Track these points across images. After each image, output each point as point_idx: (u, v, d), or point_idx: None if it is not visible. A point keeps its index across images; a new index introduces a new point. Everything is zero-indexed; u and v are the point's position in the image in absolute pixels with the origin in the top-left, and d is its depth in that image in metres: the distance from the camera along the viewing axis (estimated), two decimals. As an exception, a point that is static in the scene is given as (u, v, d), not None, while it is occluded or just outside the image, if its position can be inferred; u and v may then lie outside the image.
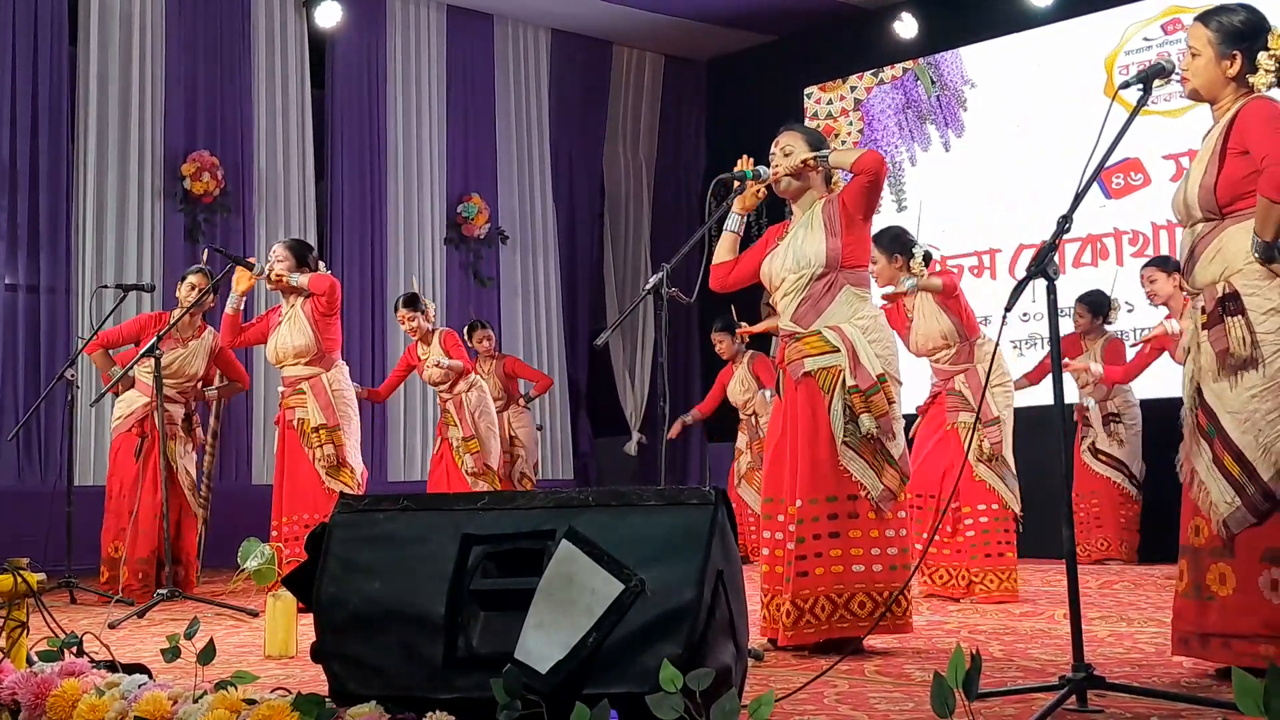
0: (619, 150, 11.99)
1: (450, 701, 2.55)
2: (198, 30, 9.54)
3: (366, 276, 10.30)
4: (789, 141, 4.48)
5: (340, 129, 10.31)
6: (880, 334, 4.44)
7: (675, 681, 2.11)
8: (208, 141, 9.51)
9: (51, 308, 8.84)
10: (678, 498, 2.68)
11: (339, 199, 10.27)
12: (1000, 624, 5.08)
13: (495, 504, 2.77)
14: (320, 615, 2.74)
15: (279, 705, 2.63)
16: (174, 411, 6.98)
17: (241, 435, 9.49)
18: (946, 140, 10.05)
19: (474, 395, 7.92)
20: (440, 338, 7.89)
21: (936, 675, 1.98)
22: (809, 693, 3.40)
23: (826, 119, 10.73)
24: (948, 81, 10.07)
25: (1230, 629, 3.37)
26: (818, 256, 4.37)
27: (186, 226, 9.39)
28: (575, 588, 2.56)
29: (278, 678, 3.95)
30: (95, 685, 3.08)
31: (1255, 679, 1.74)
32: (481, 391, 8.01)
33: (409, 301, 7.91)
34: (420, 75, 10.73)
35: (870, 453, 4.33)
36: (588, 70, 11.73)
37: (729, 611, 2.73)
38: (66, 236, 8.93)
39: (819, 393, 4.36)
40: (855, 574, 4.26)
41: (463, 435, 7.85)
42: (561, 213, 11.57)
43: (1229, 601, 3.38)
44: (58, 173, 8.90)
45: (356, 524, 2.80)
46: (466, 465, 7.79)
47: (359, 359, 10.11)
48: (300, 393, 6.31)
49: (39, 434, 8.67)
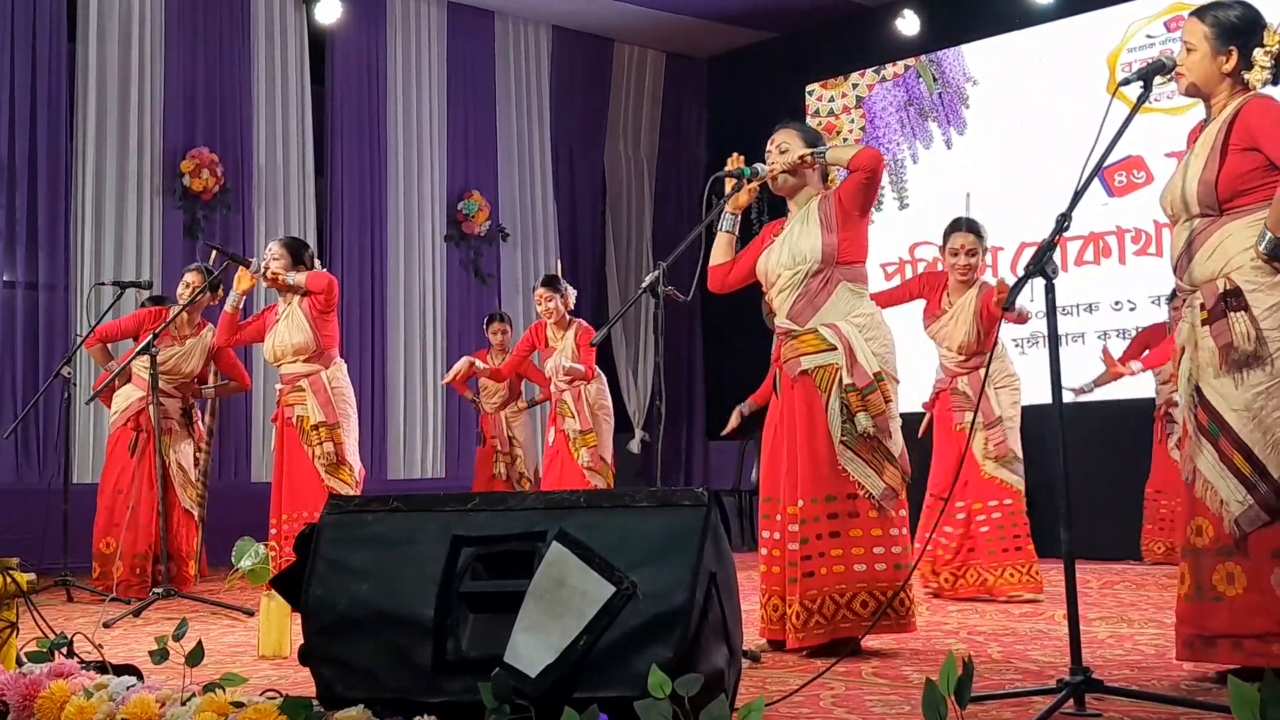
0: (620, 147, 11.95)
1: (439, 705, 2.52)
2: (197, 26, 9.51)
3: (366, 273, 10.27)
4: (785, 138, 4.45)
5: (340, 126, 10.27)
6: (877, 331, 4.41)
7: (664, 687, 2.07)
8: (207, 138, 9.47)
9: (50, 305, 8.81)
10: (670, 499, 2.65)
11: (339, 196, 10.24)
12: (1000, 625, 5.05)
13: (485, 505, 2.74)
14: (308, 617, 2.71)
15: (266, 708, 2.60)
16: (170, 406, 6.96)
17: (240, 433, 9.46)
18: (949, 138, 10.01)
19: (593, 388, 7.59)
20: (576, 331, 7.61)
21: (928, 682, 1.95)
22: (805, 695, 3.38)
23: (828, 116, 10.69)
24: (950, 79, 10.02)
25: (1241, 629, 3.34)
26: (813, 252, 4.34)
27: (186, 223, 9.35)
28: (566, 590, 2.53)
29: (270, 678, 3.93)
30: (84, 687, 3.05)
31: (1251, 686, 1.71)
32: (601, 384, 7.69)
33: (549, 282, 7.65)
34: (420, 72, 10.69)
35: (869, 451, 4.30)
36: (589, 67, 11.69)
37: (722, 614, 2.71)
38: (65, 233, 8.90)
39: (816, 391, 4.33)
40: (857, 573, 4.24)
41: (580, 428, 7.52)
42: (562, 210, 11.53)
43: (1239, 601, 3.35)
44: (56, 169, 8.87)
45: (345, 525, 2.77)
46: (583, 459, 7.49)
47: (359, 356, 10.08)
48: (299, 390, 6.28)
49: (37, 431, 8.64)
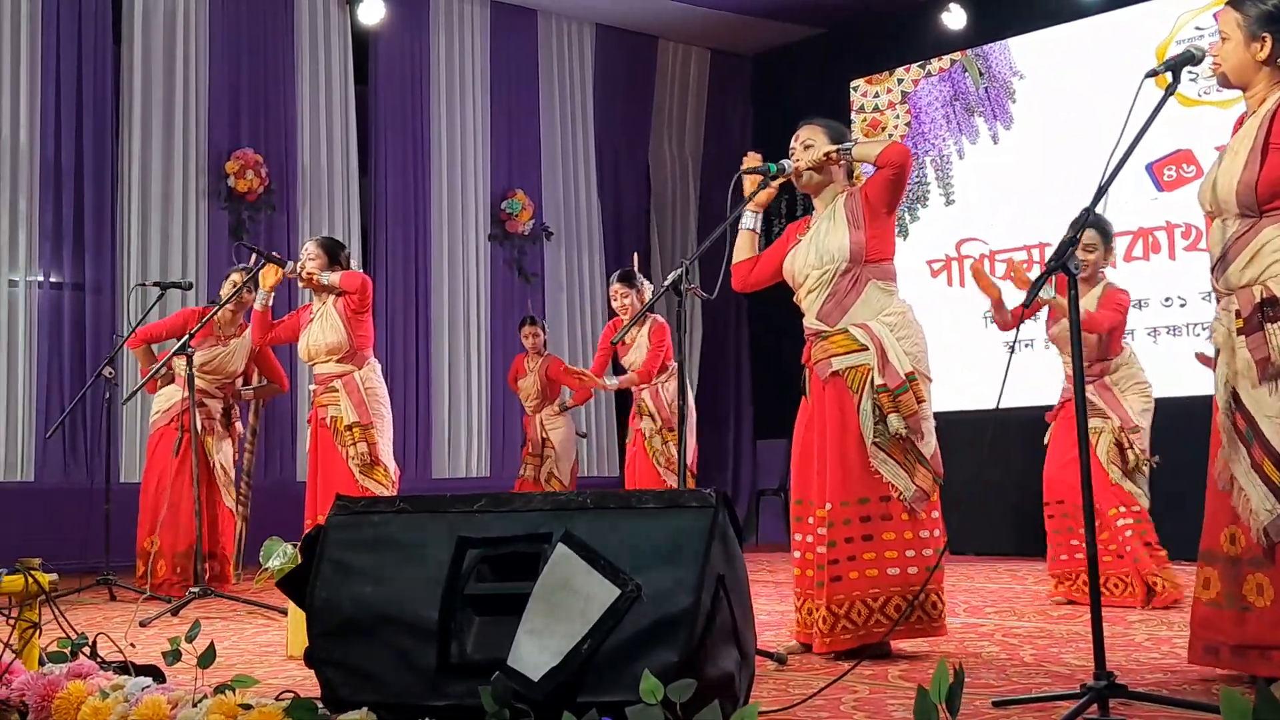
0: (664, 145, 11.91)
1: (443, 709, 2.50)
2: (241, 28, 9.57)
3: (410, 273, 10.29)
4: (810, 135, 4.39)
5: (384, 125, 10.30)
6: (909, 330, 4.33)
7: (656, 693, 2.04)
8: (252, 139, 9.54)
9: (96, 306, 8.90)
10: (677, 500, 2.62)
11: (383, 196, 10.27)
12: (1037, 627, 4.97)
13: (491, 506, 2.72)
14: (312, 619, 2.70)
15: (272, 711, 2.59)
16: (212, 406, 7.03)
17: (284, 432, 9.51)
18: (995, 133, 9.89)
19: (672, 385, 7.48)
20: (650, 328, 7.55)
21: (920, 690, 1.90)
22: (826, 699, 3.33)
23: (873, 112, 10.60)
24: (996, 73, 9.90)
25: (1269, 640, 3.25)
26: (841, 251, 4.28)
27: (231, 224, 9.42)
28: (570, 593, 2.50)
29: (295, 679, 3.93)
30: (101, 688, 3.06)
31: (1245, 699, 1.66)
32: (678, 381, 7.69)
33: (625, 277, 7.60)
34: (464, 71, 10.71)
35: (901, 453, 4.23)
36: (633, 65, 11.66)
37: (732, 617, 2.66)
38: (111, 235, 8.99)
39: (847, 392, 4.27)
40: (890, 577, 4.17)
41: (658, 426, 7.46)
42: (606, 208, 11.51)
43: (1267, 613, 3.26)
44: (102, 171, 8.95)
45: (351, 526, 2.76)
46: (659, 458, 7.42)
47: (403, 356, 10.11)
48: (333, 390, 6.29)
49: (84, 432, 8.74)
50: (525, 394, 8.96)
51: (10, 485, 8.44)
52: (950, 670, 1.90)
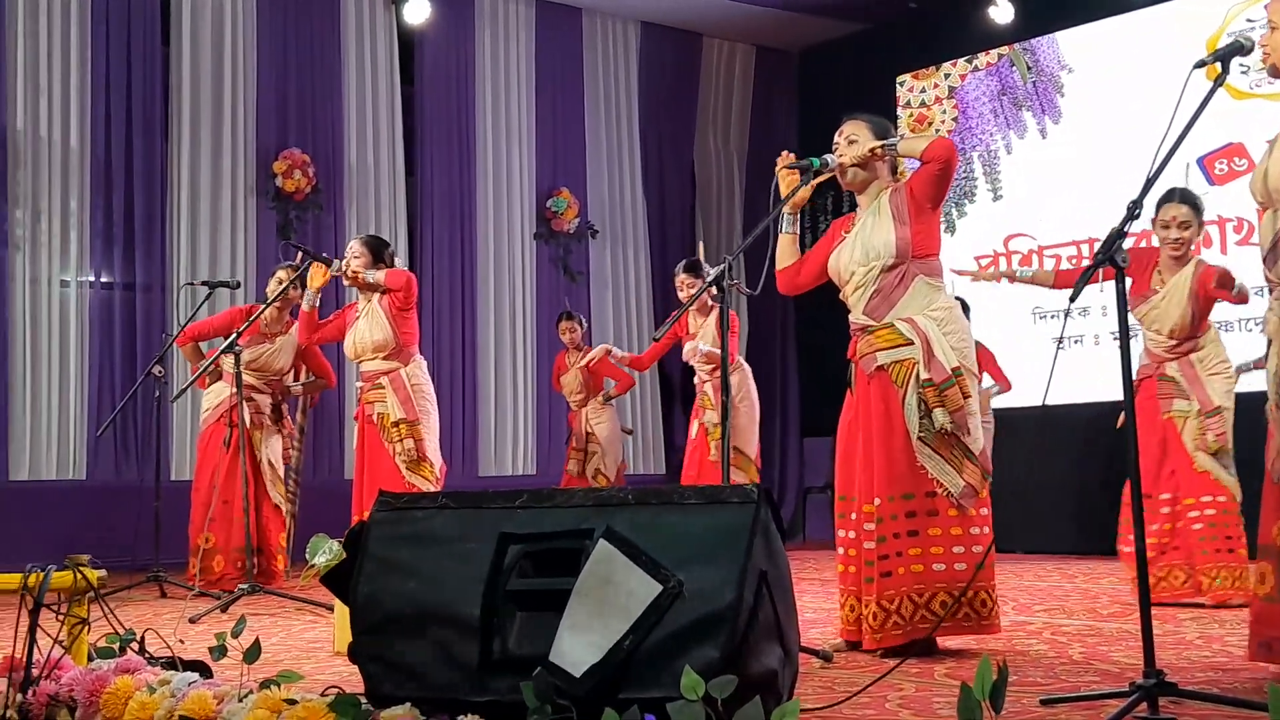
0: (710, 143, 11.89)
1: (485, 704, 2.50)
2: (288, 29, 9.64)
3: (456, 272, 10.34)
4: (854, 130, 4.36)
5: (430, 125, 10.35)
6: (955, 325, 4.29)
7: (697, 689, 2.03)
8: (299, 139, 9.61)
9: (147, 305, 9.00)
10: (718, 496, 2.61)
11: (429, 195, 10.31)
12: (1086, 625, 4.92)
13: (533, 502, 2.72)
14: (356, 615, 2.71)
15: (315, 706, 2.60)
16: (261, 401, 7.09)
17: (332, 430, 9.58)
18: (1043, 127, 9.80)
19: (735, 379, 7.37)
20: (717, 316, 7.39)
21: (963, 687, 1.88)
22: (872, 696, 3.31)
23: (919, 107, 10.53)
24: (1044, 67, 9.81)
25: None
26: (887, 247, 4.24)
27: (279, 224, 9.50)
28: (612, 588, 2.49)
29: (341, 674, 3.94)
30: (148, 683, 3.08)
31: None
32: (744, 375, 7.52)
33: (691, 267, 7.53)
34: (509, 70, 10.73)
35: (947, 449, 4.19)
36: (678, 62, 11.65)
37: (775, 614, 2.65)
38: (161, 234, 9.08)
39: (892, 387, 4.23)
40: (936, 573, 4.13)
41: (718, 420, 7.26)
42: (652, 206, 11.50)
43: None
44: (152, 171, 9.05)
45: (394, 522, 2.77)
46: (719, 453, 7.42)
47: (449, 354, 10.15)
48: (379, 388, 6.32)
49: (135, 430, 8.84)
50: (568, 390, 8.98)
51: (63, 483, 8.55)
52: (994, 667, 1.88)
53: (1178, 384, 5.60)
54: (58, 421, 8.57)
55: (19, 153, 8.54)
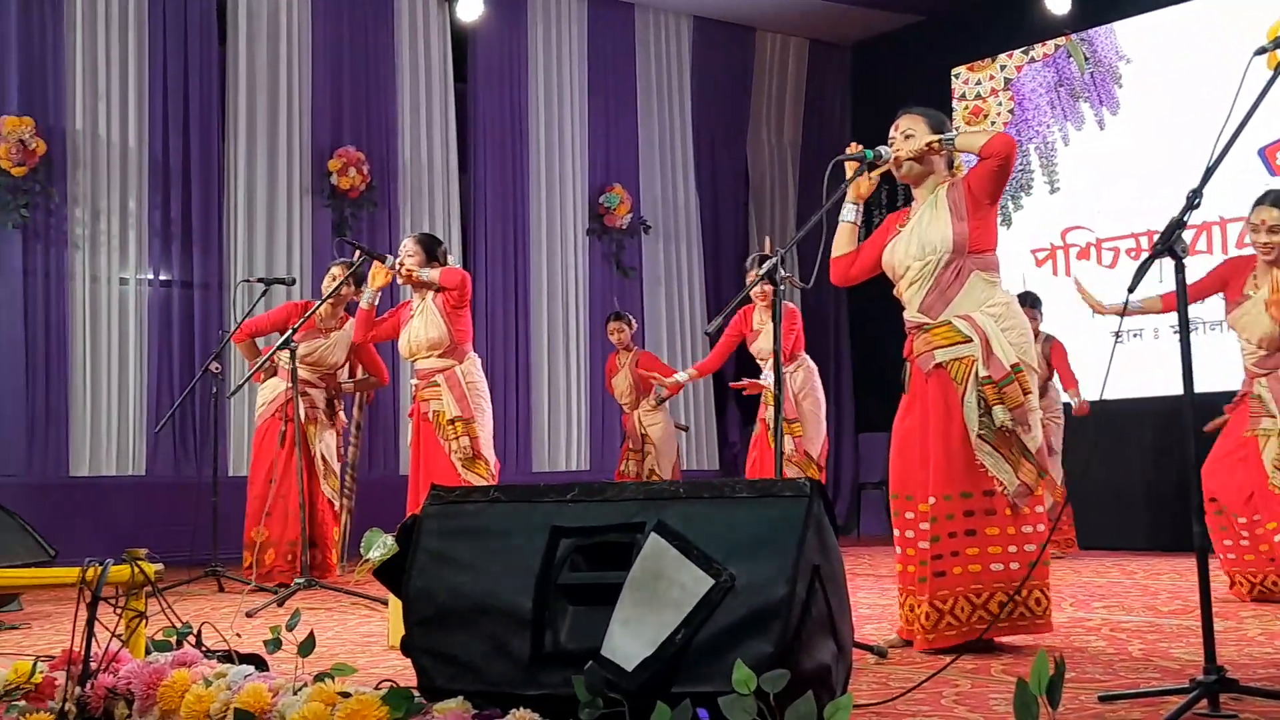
0: (763, 137, 11.85)
1: (537, 698, 2.49)
2: (342, 28, 9.71)
3: (509, 268, 10.37)
4: (910, 124, 4.31)
5: (483, 122, 10.38)
6: (1014, 321, 4.24)
7: (749, 683, 2.02)
8: (353, 137, 9.67)
9: (205, 302, 9.09)
10: (770, 490, 2.59)
11: (482, 191, 10.35)
12: (1146, 622, 4.85)
13: (584, 496, 2.71)
14: (409, 608, 2.71)
15: (369, 699, 2.60)
16: (315, 396, 7.13)
17: (387, 427, 9.63)
18: (1101, 118, 9.69)
19: (800, 375, 7.38)
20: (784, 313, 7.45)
21: (1019, 682, 1.86)
22: (927, 692, 3.28)
23: (975, 99, 10.44)
24: (1102, 57, 9.70)
25: None
26: (944, 242, 4.20)
27: (334, 221, 9.56)
28: (663, 582, 2.48)
29: (396, 668, 3.95)
30: (204, 676, 3.10)
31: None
32: (809, 372, 7.47)
33: (761, 262, 7.49)
34: (561, 66, 10.75)
35: (1006, 446, 4.14)
36: (730, 57, 11.62)
37: (828, 608, 2.63)
38: (218, 233, 9.18)
39: (951, 385, 4.19)
40: (993, 573, 4.09)
41: (785, 417, 7.13)
42: (705, 201, 11.48)
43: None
44: (209, 170, 9.14)
45: (446, 516, 2.77)
46: (785, 449, 7.10)
47: (502, 350, 10.19)
48: (434, 385, 6.34)
49: (193, 426, 8.93)
50: (619, 391, 8.97)
51: (123, 479, 8.66)
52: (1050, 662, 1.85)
53: (1263, 401, 5.38)
54: (117, 418, 8.68)
55: (79, 153, 8.64)
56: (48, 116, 8.50)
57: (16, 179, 8.28)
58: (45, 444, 8.45)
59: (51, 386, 8.48)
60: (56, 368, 8.50)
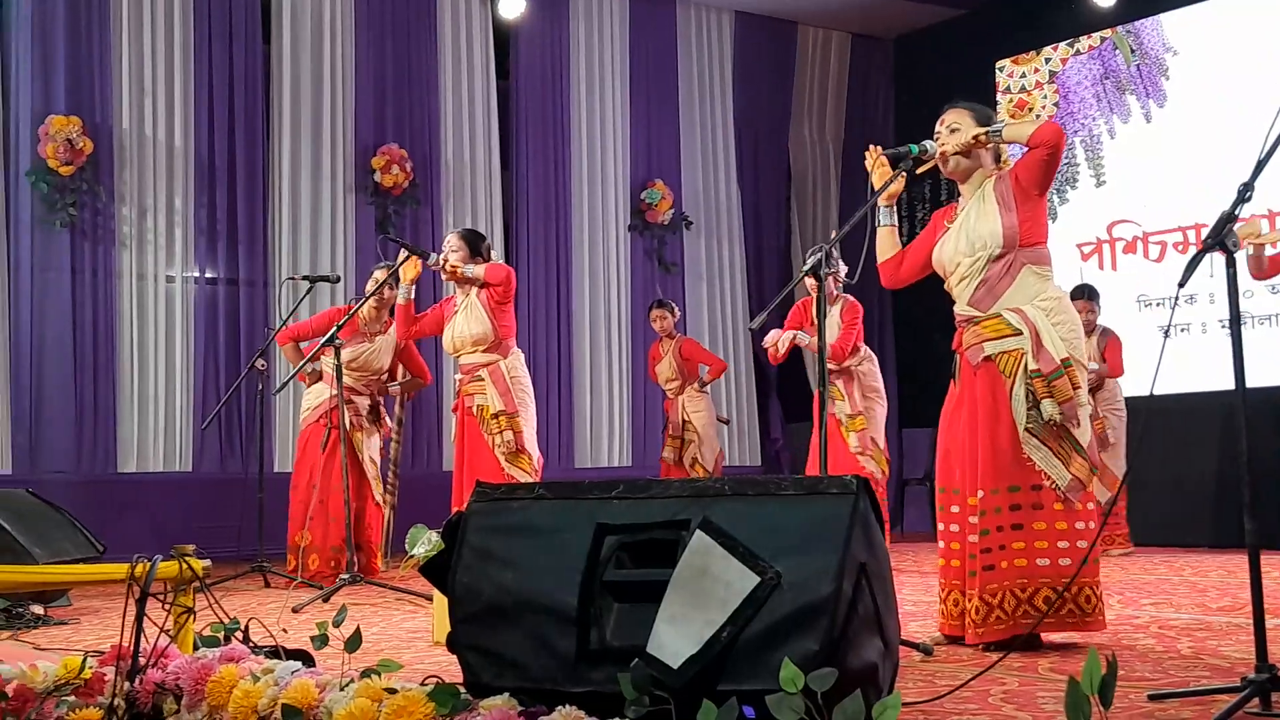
0: (805, 132, 11.81)
1: (583, 695, 2.49)
2: (385, 26, 9.75)
3: (552, 264, 10.39)
4: (956, 118, 4.28)
5: (525, 118, 10.40)
6: (1064, 315, 4.20)
7: (796, 681, 2.01)
8: (396, 135, 9.71)
9: (250, 300, 9.15)
10: (816, 487, 2.58)
11: (524, 188, 10.37)
12: (1195, 619, 4.80)
13: (630, 493, 2.71)
14: (454, 605, 2.72)
15: (415, 695, 2.61)
16: (360, 403, 7.17)
17: (430, 422, 9.67)
18: (1148, 111, 9.60)
19: (864, 369, 7.36)
20: (843, 307, 7.39)
21: (1071, 681, 1.84)
22: (974, 690, 3.26)
23: (1019, 93, 10.36)
24: (1148, 50, 9.61)
25: None
26: (994, 236, 4.16)
27: (377, 219, 9.61)
28: (709, 580, 2.47)
29: (441, 664, 3.97)
30: (252, 671, 3.12)
31: None
32: (871, 365, 7.43)
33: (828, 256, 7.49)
34: (603, 62, 10.75)
35: (1055, 440, 4.11)
36: (772, 52, 11.58)
37: (874, 606, 2.61)
38: (263, 230, 9.24)
39: (1000, 378, 4.16)
40: (1040, 568, 4.06)
41: (849, 411, 7.29)
42: (746, 196, 11.45)
43: None
44: (254, 169, 9.20)
45: (491, 513, 2.77)
46: (852, 444, 7.23)
47: (544, 346, 10.20)
48: (478, 380, 6.36)
49: (240, 423, 9.00)
50: (663, 378, 8.99)
51: (170, 475, 8.74)
52: (1102, 661, 1.83)
53: None
54: (164, 415, 8.75)
55: (125, 152, 8.72)
56: (94, 116, 8.58)
57: (64, 178, 8.36)
58: (93, 441, 8.53)
59: (99, 384, 8.56)
60: (104, 365, 8.58)
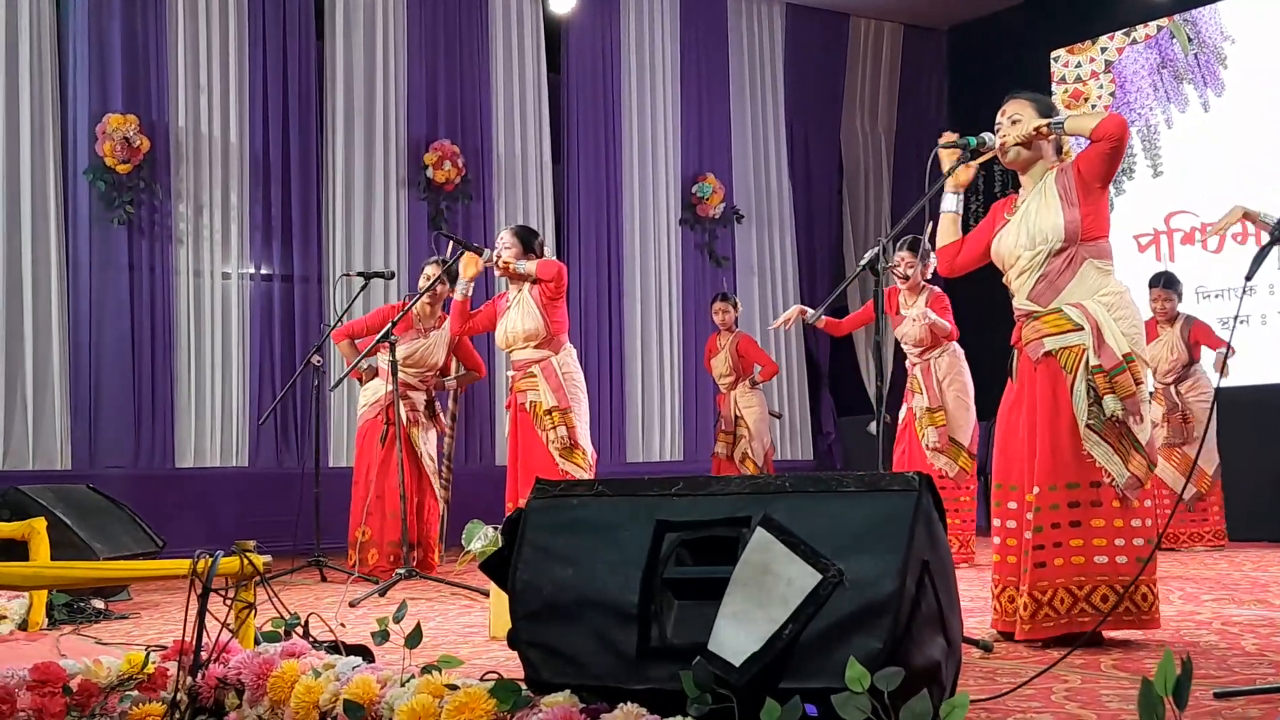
0: (857, 124, 11.75)
1: (644, 692, 2.48)
2: (437, 22, 9.78)
3: (603, 258, 10.39)
4: (1017, 109, 4.23)
5: (576, 113, 10.41)
6: (1126, 310, 4.15)
7: (862, 681, 1.99)
8: (448, 130, 9.74)
9: (305, 296, 9.22)
10: (879, 483, 2.56)
11: (575, 182, 10.38)
12: (1258, 615, 4.74)
13: (690, 490, 2.70)
14: (515, 602, 2.72)
15: (477, 691, 2.61)
16: (416, 398, 7.20)
17: (484, 417, 9.70)
18: (1205, 100, 9.48)
19: (945, 361, 7.13)
20: (928, 297, 7.15)
21: (1144, 682, 1.81)
22: (1036, 688, 3.23)
23: (1075, 83, 10.26)
24: (1206, 38, 9.48)
25: None
26: (1055, 230, 4.12)
27: (430, 214, 9.65)
28: (770, 577, 2.46)
29: (498, 659, 3.98)
30: (313, 667, 3.14)
31: None
32: (954, 358, 7.19)
33: (911, 245, 7.17)
34: (654, 56, 10.74)
35: (1115, 437, 4.06)
36: (824, 43, 11.53)
37: (937, 604, 2.59)
38: (317, 227, 9.30)
39: (1060, 373, 4.12)
40: (1097, 565, 4.02)
41: (927, 405, 7.08)
42: (798, 190, 11.41)
43: None
44: (308, 165, 9.26)
45: (551, 510, 2.77)
46: (928, 439, 7.07)
47: (596, 340, 10.21)
48: (531, 376, 6.37)
49: (295, 419, 9.07)
50: (718, 371, 8.97)
51: (228, 470, 8.81)
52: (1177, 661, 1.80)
53: None
54: (221, 411, 8.83)
55: (181, 149, 8.80)
56: (151, 114, 8.66)
57: (121, 176, 8.44)
58: (151, 436, 8.62)
59: (157, 380, 8.64)
60: (161, 361, 8.66)
